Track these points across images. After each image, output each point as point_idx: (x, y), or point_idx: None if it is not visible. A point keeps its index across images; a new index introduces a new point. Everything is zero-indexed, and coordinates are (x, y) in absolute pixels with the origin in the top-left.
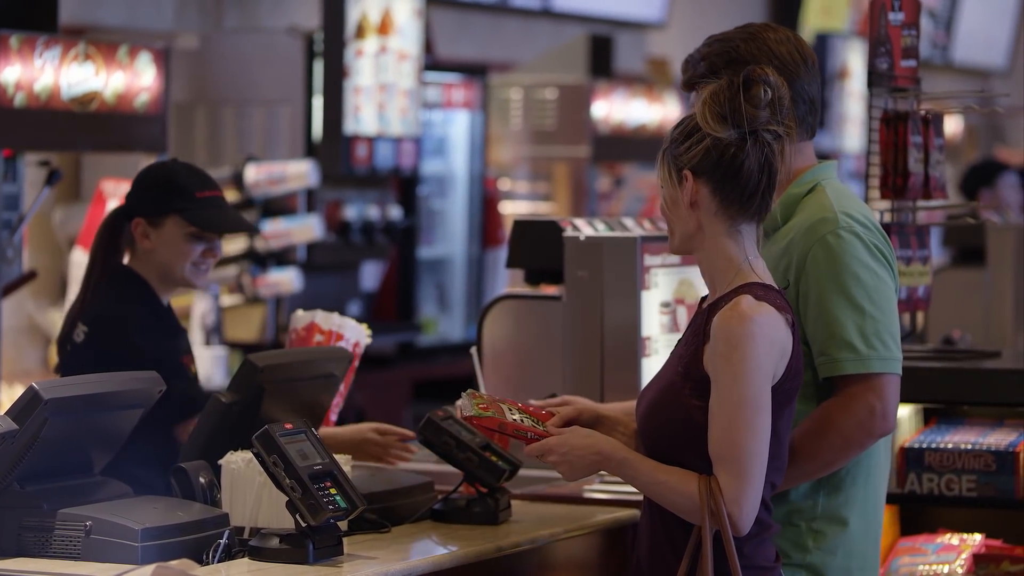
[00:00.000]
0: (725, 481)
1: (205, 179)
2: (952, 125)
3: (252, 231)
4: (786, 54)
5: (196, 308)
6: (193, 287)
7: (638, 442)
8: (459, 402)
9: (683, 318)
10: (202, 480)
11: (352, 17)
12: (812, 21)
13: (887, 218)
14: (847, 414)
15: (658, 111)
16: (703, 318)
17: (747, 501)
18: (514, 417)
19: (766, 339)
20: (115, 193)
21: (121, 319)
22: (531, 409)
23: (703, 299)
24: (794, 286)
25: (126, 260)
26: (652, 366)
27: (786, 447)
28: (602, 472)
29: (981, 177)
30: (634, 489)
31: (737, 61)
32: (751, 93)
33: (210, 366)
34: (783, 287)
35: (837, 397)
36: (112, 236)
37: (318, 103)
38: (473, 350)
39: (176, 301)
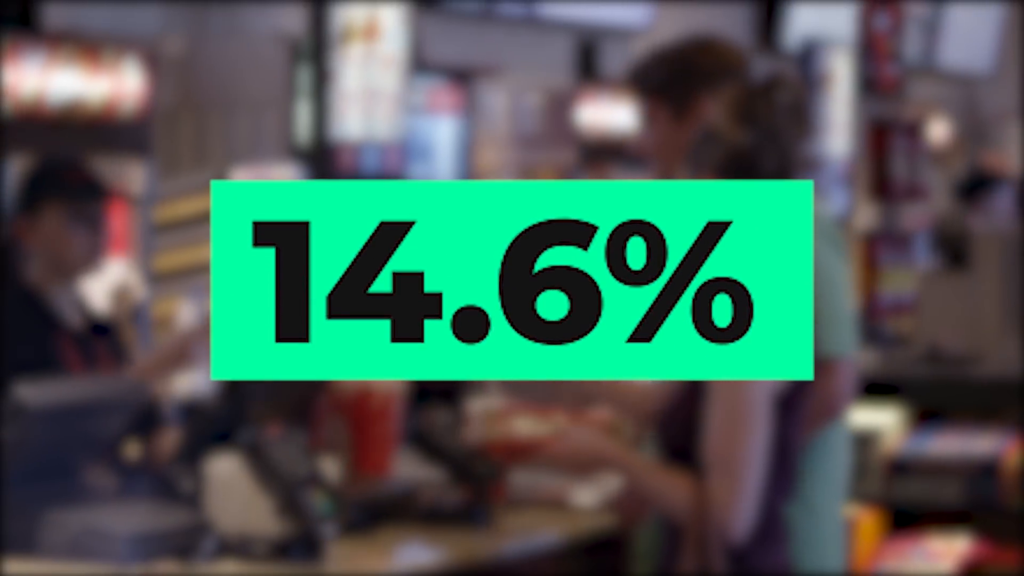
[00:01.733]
0: (717, 486)
1: (76, 167)
2: (938, 130)
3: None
4: (738, 67)
5: (183, 312)
6: (89, 268)
7: (658, 437)
8: (474, 428)
9: None
10: (187, 484)
11: (338, 22)
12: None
13: (873, 223)
14: None
15: None
16: None
17: (738, 507)
18: (522, 430)
19: None
20: None
21: None
22: (544, 410)
23: None
24: None
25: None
26: None
27: (796, 453)
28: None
29: (974, 186)
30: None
31: (693, 72)
32: (770, 96)
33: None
34: None
35: None
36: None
37: (304, 108)
38: None
39: (161, 307)
